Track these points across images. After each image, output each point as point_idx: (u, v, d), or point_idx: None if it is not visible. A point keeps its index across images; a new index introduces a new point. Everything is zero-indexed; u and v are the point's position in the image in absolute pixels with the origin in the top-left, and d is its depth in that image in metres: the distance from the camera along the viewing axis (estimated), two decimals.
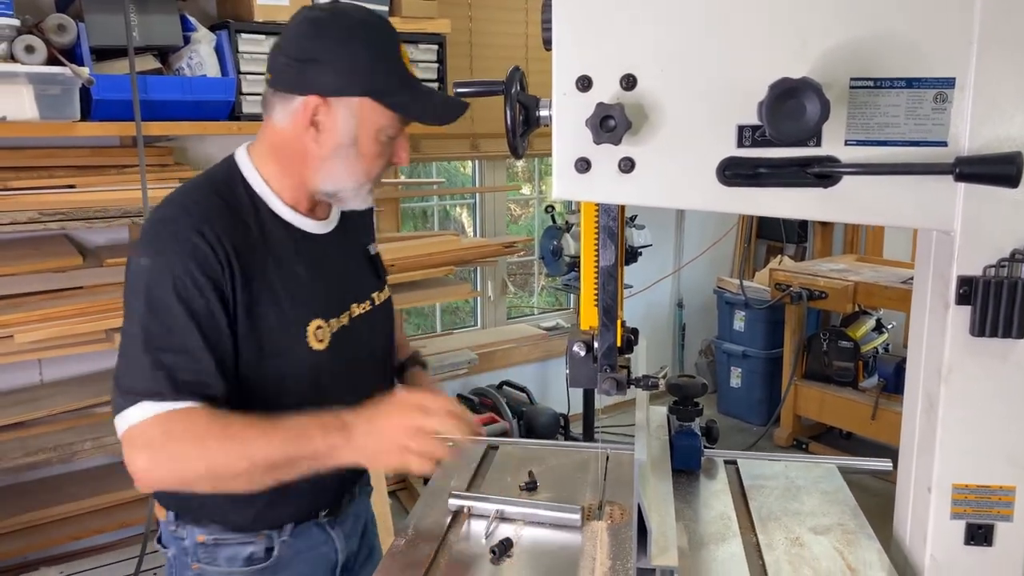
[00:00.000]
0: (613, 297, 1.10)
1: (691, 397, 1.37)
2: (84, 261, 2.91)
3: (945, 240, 1.00)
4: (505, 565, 1.08)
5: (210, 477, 1.18)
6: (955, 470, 1.03)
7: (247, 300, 1.25)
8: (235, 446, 1.16)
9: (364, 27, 1.30)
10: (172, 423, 1.17)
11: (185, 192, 1.32)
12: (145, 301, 1.23)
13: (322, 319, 1.34)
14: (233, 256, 1.23)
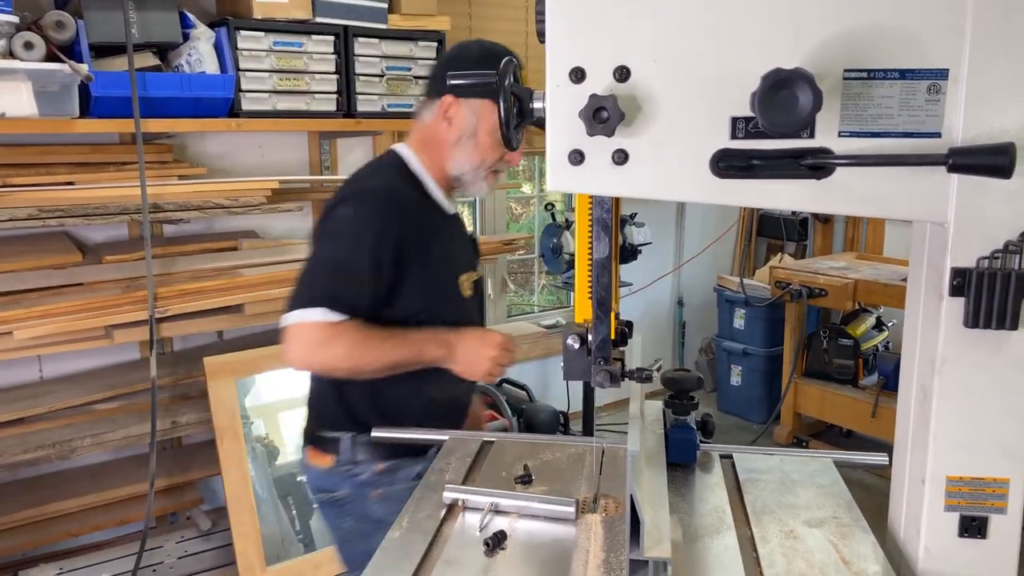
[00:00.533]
0: (607, 289, 1.10)
1: (687, 391, 1.37)
2: (83, 258, 2.91)
3: (939, 232, 1.00)
4: (499, 557, 1.08)
5: (349, 371, 1.63)
6: (949, 462, 1.03)
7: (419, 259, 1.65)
8: (374, 353, 1.60)
9: (494, 53, 1.64)
10: (333, 330, 1.58)
11: (377, 169, 1.79)
12: (343, 238, 1.64)
13: (467, 273, 1.78)
14: (411, 223, 1.64)
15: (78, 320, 2.66)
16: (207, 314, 2.93)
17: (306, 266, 1.67)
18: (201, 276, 2.95)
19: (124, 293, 2.78)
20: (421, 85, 3.29)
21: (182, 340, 3.28)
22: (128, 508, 3.03)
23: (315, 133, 3.46)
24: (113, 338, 2.76)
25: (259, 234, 3.36)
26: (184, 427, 3.06)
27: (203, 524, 3.14)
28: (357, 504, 1.70)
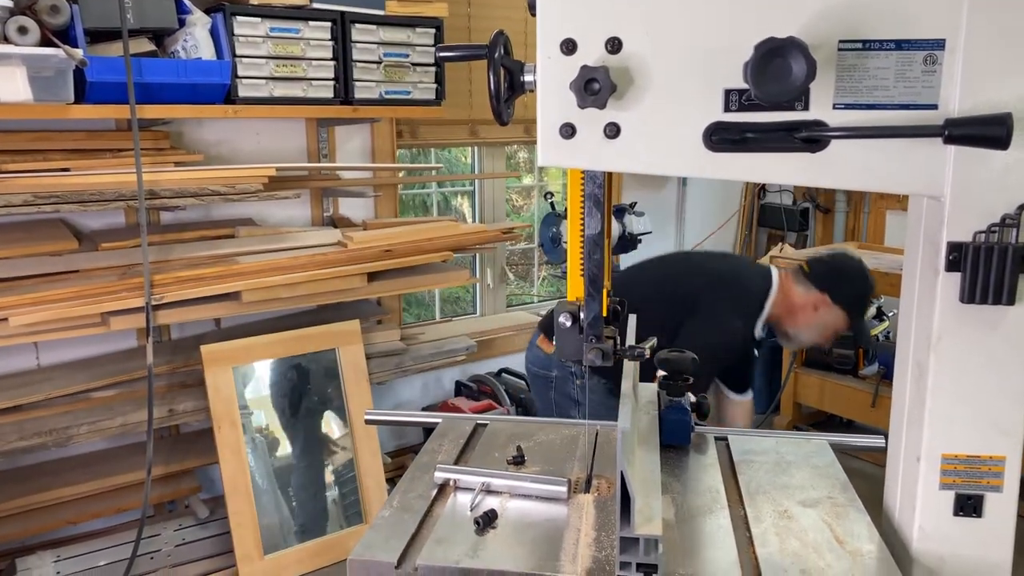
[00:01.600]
0: (599, 266, 1.09)
1: (681, 372, 1.36)
2: (80, 245, 2.90)
3: (935, 206, 0.99)
4: (489, 536, 1.07)
5: None
6: (944, 440, 1.02)
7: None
8: None
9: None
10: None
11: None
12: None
13: None
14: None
15: (74, 307, 2.65)
16: (204, 301, 2.92)
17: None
18: (198, 263, 2.94)
19: (120, 280, 2.77)
20: (419, 71, 3.27)
21: (179, 328, 3.27)
22: (125, 496, 3.02)
23: (312, 120, 3.44)
24: (109, 325, 2.75)
25: (256, 222, 3.35)
26: (181, 415, 3.05)
27: (201, 512, 3.14)
28: (563, 385, 2.27)
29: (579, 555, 1.01)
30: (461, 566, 0.99)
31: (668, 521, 1.09)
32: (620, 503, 0.95)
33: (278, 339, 3.19)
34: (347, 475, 3.29)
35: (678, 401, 1.35)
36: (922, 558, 1.05)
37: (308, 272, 3.04)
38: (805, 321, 2.31)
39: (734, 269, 2.56)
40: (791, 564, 0.99)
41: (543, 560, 1.00)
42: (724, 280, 2.41)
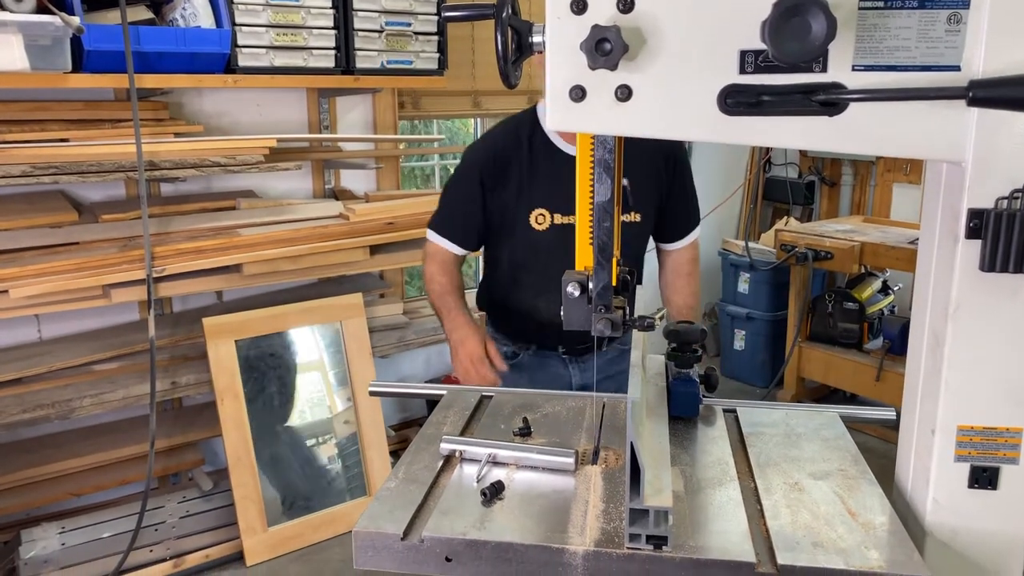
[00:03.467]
0: (609, 234, 1.06)
1: (690, 343, 1.33)
2: (80, 217, 2.88)
3: (956, 171, 0.96)
4: (496, 507, 1.05)
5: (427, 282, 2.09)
6: (960, 411, 1.00)
7: (498, 193, 1.94)
8: (433, 286, 2.06)
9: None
10: (434, 250, 2.06)
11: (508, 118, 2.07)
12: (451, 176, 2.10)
13: (546, 209, 1.91)
14: (497, 160, 1.94)
15: (74, 279, 2.64)
16: (205, 274, 2.90)
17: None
18: (199, 236, 2.91)
19: (121, 252, 2.75)
20: (421, 40, 3.22)
21: (181, 301, 3.26)
22: (129, 468, 3.03)
23: (314, 91, 3.40)
24: (111, 297, 2.74)
25: (258, 194, 3.32)
26: (184, 388, 3.04)
27: (204, 485, 3.15)
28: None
29: (587, 527, 1.00)
30: (468, 537, 0.98)
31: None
32: (630, 475, 0.94)
33: (280, 312, 3.17)
34: (350, 448, 3.30)
35: (686, 373, 1.33)
36: (935, 531, 1.03)
37: (310, 245, 3.02)
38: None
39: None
40: (803, 537, 0.98)
41: (551, 532, 0.99)
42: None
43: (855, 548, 0.95)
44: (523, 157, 1.93)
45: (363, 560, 1.00)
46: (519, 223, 1.93)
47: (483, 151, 2.01)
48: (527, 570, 0.97)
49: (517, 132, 1.97)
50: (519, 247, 1.97)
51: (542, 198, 1.91)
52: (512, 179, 1.93)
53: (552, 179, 1.88)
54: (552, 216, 1.91)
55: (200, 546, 3.00)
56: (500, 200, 1.95)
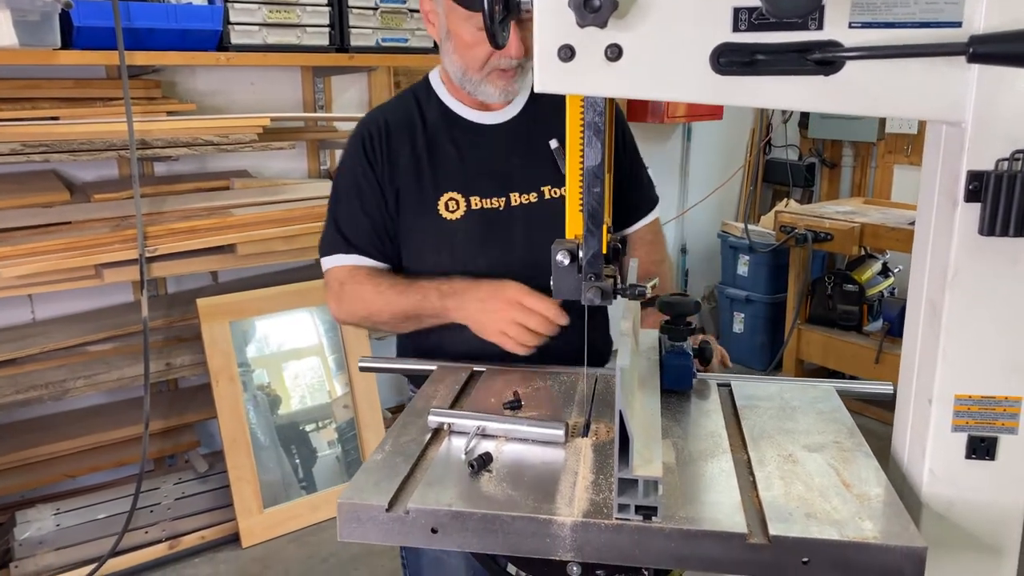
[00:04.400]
0: (599, 200, 1.04)
1: (684, 316, 1.31)
2: (72, 197, 2.85)
3: (955, 132, 0.93)
4: (484, 479, 1.03)
5: (369, 320, 1.59)
6: (958, 380, 0.98)
7: (391, 171, 1.53)
8: (382, 299, 1.51)
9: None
10: (345, 275, 1.55)
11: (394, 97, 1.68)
12: (336, 177, 1.62)
13: (458, 193, 1.53)
14: (385, 136, 1.54)
15: (66, 259, 2.61)
16: (199, 254, 2.88)
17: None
18: (192, 215, 2.89)
19: (113, 232, 2.72)
20: (416, 18, 3.18)
21: (176, 282, 3.24)
22: (124, 450, 3.02)
23: (308, 70, 3.36)
24: (103, 278, 2.71)
25: (252, 174, 3.29)
26: (179, 369, 3.03)
27: (200, 466, 3.14)
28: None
29: (576, 498, 0.98)
30: (454, 509, 0.96)
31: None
32: (619, 445, 0.92)
33: (275, 293, 3.15)
34: (350, 433, 3.28)
35: (680, 346, 1.31)
36: (931, 502, 1.01)
37: (304, 225, 2.99)
38: (440, 49, 1.56)
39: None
40: (796, 508, 0.95)
41: (538, 503, 0.97)
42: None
43: (849, 519, 0.93)
44: (416, 131, 1.56)
45: (347, 532, 0.98)
46: (424, 213, 1.53)
47: (361, 130, 1.58)
48: (514, 541, 0.95)
49: (403, 105, 1.60)
50: (428, 246, 1.54)
51: (450, 179, 1.54)
52: (406, 160, 1.54)
53: (460, 155, 1.55)
54: (468, 200, 1.53)
55: (196, 528, 2.99)
56: (394, 191, 1.54)
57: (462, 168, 1.55)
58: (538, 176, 1.56)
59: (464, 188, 1.54)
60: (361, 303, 1.54)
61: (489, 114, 1.58)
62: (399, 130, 1.56)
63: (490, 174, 1.55)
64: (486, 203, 1.54)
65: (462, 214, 1.53)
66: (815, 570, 0.90)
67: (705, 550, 0.92)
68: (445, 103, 1.58)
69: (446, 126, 1.56)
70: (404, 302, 1.48)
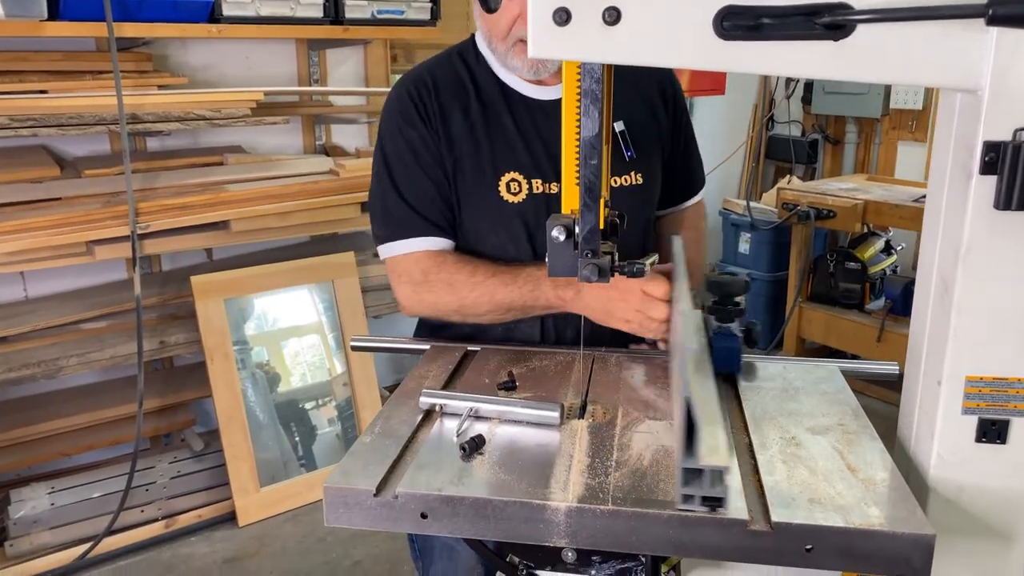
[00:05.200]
0: (596, 173, 0.99)
1: (732, 296, 1.25)
2: (62, 172, 2.80)
3: (971, 101, 0.89)
4: (476, 463, 1.00)
5: (460, 313, 1.42)
6: (969, 361, 0.94)
7: (447, 136, 1.41)
8: (480, 291, 1.37)
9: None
10: (430, 263, 1.41)
11: (440, 53, 1.52)
12: (378, 144, 1.46)
13: (519, 174, 1.42)
14: (435, 95, 1.41)
15: (57, 235, 2.57)
16: (192, 231, 2.84)
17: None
18: (185, 191, 2.84)
19: (104, 208, 2.68)
20: None
21: (171, 259, 3.20)
22: (120, 428, 2.99)
23: (303, 43, 3.29)
24: (95, 255, 2.67)
25: (246, 149, 3.24)
26: (173, 347, 2.99)
27: (196, 445, 3.11)
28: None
29: (571, 482, 0.94)
30: (444, 493, 0.92)
31: (667, 449, 1.02)
32: (684, 432, 0.87)
33: (271, 271, 3.11)
34: (349, 411, 3.26)
35: (728, 327, 1.25)
36: (939, 487, 0.98)
37: (299, 201, 2.95)
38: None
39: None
40: (799, 493, 0.92)
41: (532, 487, 0.93)
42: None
43: (854, 505, 0.90)
44: (469, 96, 1.43)
45: (334, 517, 0.95)
46: (484, 192, 1.41)
47: (403, 89, 1.44)
48: (506, 527, 0.92)
49: (450, 65, 1.46)
50: (486, 227, 1.44)
51: (511, 158, 1.42)
52: (459, 126, 1.41)
53: (520, 132, 1.43)
54: (530, 183, 1.42)
55: (192, 506, 2.97)
56: (452, 159, 1.42)
57: (522, 146, 1.42)
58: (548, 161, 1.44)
59: (525, 169, 1.42)
60: (454, 295, 1.39)
61: (546, 89, 1.45)
62: (449, 91, 1.43)
63: (550, 156, 1.42)
64: (548, 187, 1.42)
65: (524, 197, 1.42)
66: (819, 558, 0.87)
67: (704, 537, 0.88)
68: (497, 73, 1.45)
69: (502, 98, 1.44)
70: (511, 294, 1.37)
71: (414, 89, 1.42)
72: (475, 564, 1.39)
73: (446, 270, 1.40)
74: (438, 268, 1.41)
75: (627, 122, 1.47)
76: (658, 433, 1.07)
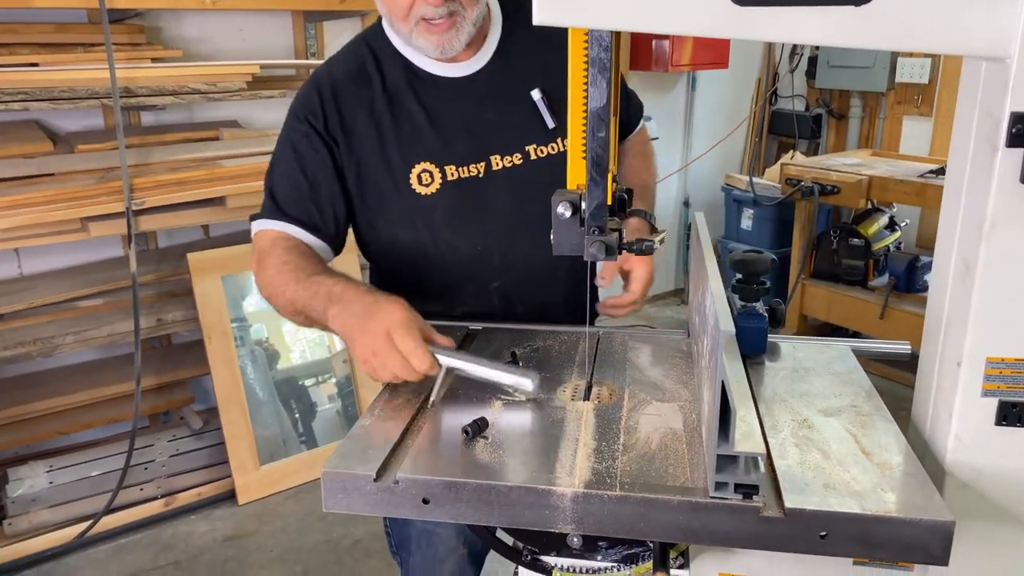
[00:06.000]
0: (604, 146, 0.95)
1: (758, 274, 1.21)
2: (55, 147, 2.75)
3: (997, 70, 0.84)
4: (479, 446, 0.97)
5: (270, 301, 1.34)
6: (991, 341, 0.91)
7: (346, 139, 1.35)
8: (280, 283, 1.30)
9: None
10: (267, 245, 1.35)
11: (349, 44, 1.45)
12: (280, 134, 1.41)
13: (431, 163, 1.36)
14: (333, 98, 1.35)
15: (50, 211, 2.53)
16: (187, 207, 2.79)
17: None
18: (180, 167, 2.79)
19: (98, 184, 2.63)
20: None
21: (168, 236, 3.15)
22: (118, 407, 2.97)
23: (299, 15, 3.23)
24: (89, 231, 2.63)
25: (242, 124, 3.18)
26: (171, 325, 2.96)
27: (194, 423, 3.09)
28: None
29: (577, 467, 0.91)
30: (447, 479, 0.89)
31: (675, 431, 0.99)
32: (718, 417, 0.84)
33: None
34: (349, 388, 3.24)
35: (752, 307, 1.21)
36: (956, 471, 0.95)
37: None
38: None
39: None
40: (813, 478, 0.89)
41: (537, 472, 0.91)
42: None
43: (870, 490, 0.87)
44: (374, 89, 1.36)
45: (333, 503, 0.92)
46: (394, 189, 1.35)
47: (304, 92, 1.39)
48: (511, 513, 0.89)
49: (355, 58, 1.39)
50: (401, 223, 1.38)
51: (420, 147, 1.35)
52: (363, 125, 1.36)
53: (429, 117, 1.35)
54: (442, 170, 1.35)
55: (192, 484, 2.96)
56: (354, 162, 1.36)
57: (432, 133, 1.36)
58: (521, 133, 1.39)
59: (437, 157, 1.36)
60: (266, 280, 1.33)
61: (455, 66, 1.38)
62: (351, 89, 1.36)
63: (465, 137, 1.37)
64: (463, 171, 1.36)
65: (437, 187, 1.36)
66: (833, 545, 0.84)
67: (715, 523, 0.86)
68: (404, 55, 1.37)
69: (408, 83, 1.37)
70: (297, 293, 1.27)
71: (316, 96, 1.36)
72: (456, 545, 1.37)
73: (272, 256, 1.33)
74: (270, 253, 1.34)
75: (545, 89, 1.39)
76: (666, 415, 1.04)
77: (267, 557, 2.69)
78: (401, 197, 1.36)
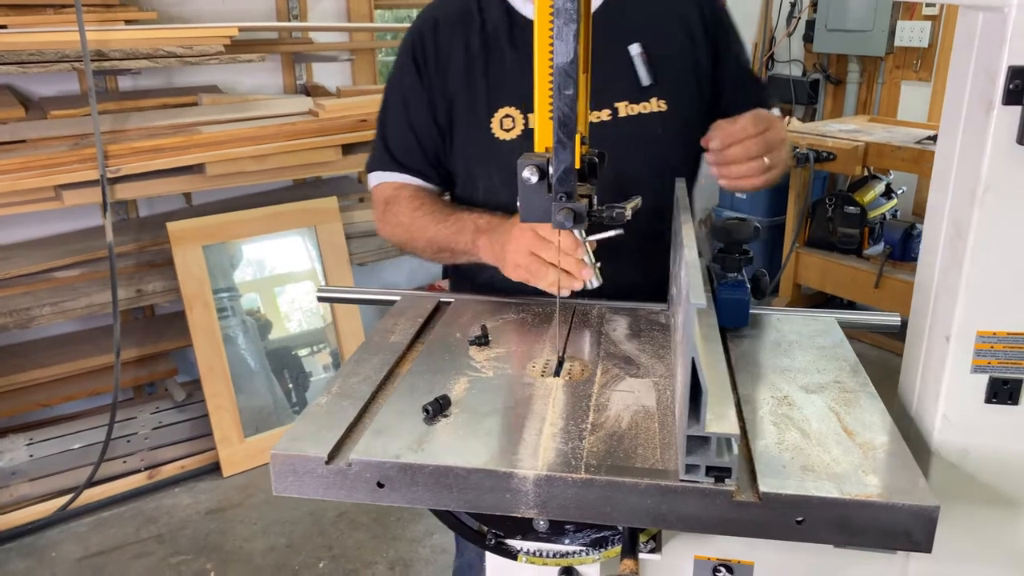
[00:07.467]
0: (571, 105, 0.89)
1: (740, 243, 1.15)
2: (27, 113, 2.67)
3: (994, 21, 0.78)
4: (440, 426, 0.91)
5: (408, 246, 1.42)
6: (982, 314, 0.85)
7: (443, 78, 1.35)
8: (419, 226, 1.36)
9: None
10: (390, 194, 1.42)
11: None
12: (387, 82, 1.46)
13: (515, 108, 1.32)
14: (434, 37, 1.36)
15: (22, 179, 2.46)
16: (165, 175, 2.72)
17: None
18: (156, 134, 2.71)
19: (72, 150, 2.56)
20: None
21: (148, 205, 3.08)
22: (99, 379, 2.92)
23: None
24: (63, 200, 2.56)
25: (223, 89, 3.10)
26: (151, 296, 2.90)
27: (177, 395, 3.05)
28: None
29: (541, 447, 0.86)
30: (402, 461, 0.84)
31: (648, 409, 0.94)
32: (689, 397, 0.78)
33: (250, 216, 3.01)
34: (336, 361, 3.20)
35: (734, 276, 1.14)
36: (943, 450, 0.90)
37: (276, 143, 2.82)
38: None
39: None
40: (790, 459, 0.84)
41: (498, 454, 0.85)
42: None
43: (851, 472, 0.82)
44: (472, 29, 1.34)
45: (282, 486, 0.87)
46: (475, 130, 1.34)
47: (410, 32, 1.41)
48: (470, 497, 0.84)
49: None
50: (479, 167, 1.37)
51: (507, 91, 1.32)
52: (458, 63, 1.34)
53: (520, 61, 1.29)
54: (526, 117, 1.31)
55: (175, 457, 2.92)
56: (446, 98, 1.35)
57: (522, 78, 1.19)
58: (613, 90, 1.31)
59: (522, 102, 1.30)
60: (400, 227, 1.40)
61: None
62: (452, 28, 1.36)
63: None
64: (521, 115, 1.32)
65: (519, 134, 1.31)
66: (810, 531, 0.79)
67: (685, 508, 0.80)
68: (510, 2, 1.34)
69: (507, 27, 1.33)
70: (439, 232, 1.33)
71: (418, 34, 1.39)
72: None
73: (400, 203, 1.40)
74: (395, 200, 1.41)
75: (647, 45, 1.32)
76: (638, 392, 0.99)
77: (251, 530, 2.66)
78: (482, 140, 1.34)
